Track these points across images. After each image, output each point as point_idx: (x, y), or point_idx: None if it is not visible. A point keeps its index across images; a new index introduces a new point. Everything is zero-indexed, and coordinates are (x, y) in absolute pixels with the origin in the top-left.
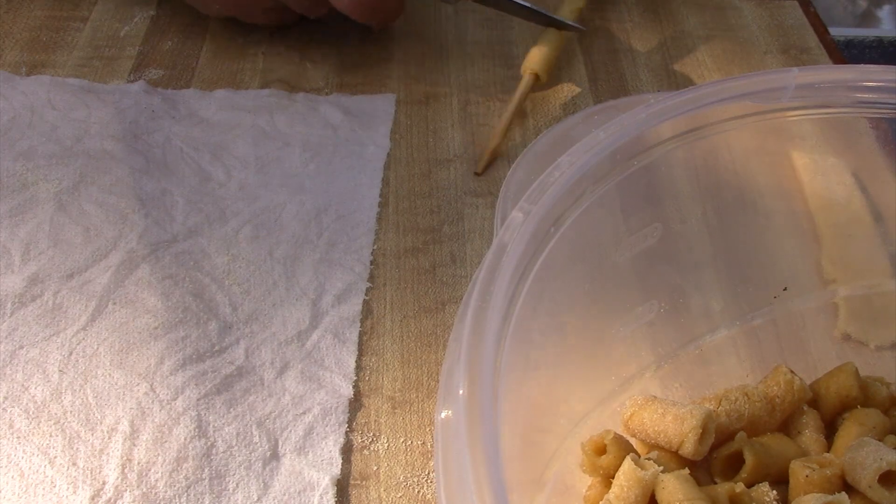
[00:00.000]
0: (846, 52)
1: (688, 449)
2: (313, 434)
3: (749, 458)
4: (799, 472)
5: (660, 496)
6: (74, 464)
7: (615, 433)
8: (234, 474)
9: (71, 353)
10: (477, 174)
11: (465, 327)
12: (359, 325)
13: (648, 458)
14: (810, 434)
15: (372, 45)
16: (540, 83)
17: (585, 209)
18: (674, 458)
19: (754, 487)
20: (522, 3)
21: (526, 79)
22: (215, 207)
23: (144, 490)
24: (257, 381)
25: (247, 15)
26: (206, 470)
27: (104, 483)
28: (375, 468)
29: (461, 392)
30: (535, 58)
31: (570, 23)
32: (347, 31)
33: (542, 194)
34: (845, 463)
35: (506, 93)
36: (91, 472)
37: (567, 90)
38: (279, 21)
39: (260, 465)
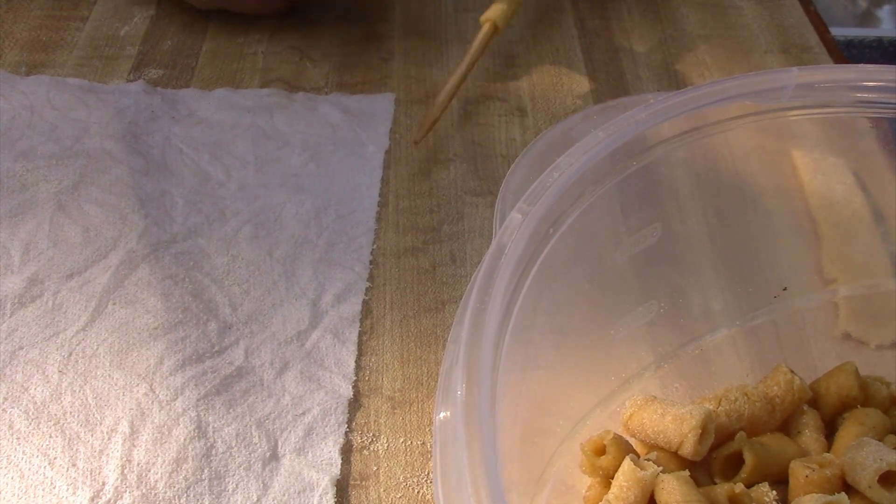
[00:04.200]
0: (846, 52)
1: (687, 449)
2: (313, 434)
3: (749, 458)
4: (799, 472)
5: (659, 497)
6: (74, 464)
7: (615, 433)
8: (233, 475)
9: (71, 354)
10: (416, 142)
11: (463, 328)
12: (358, 324)
13: (648, 459)
14: (810, 434)
15: (372, 45)
16: (498, 34)
17: (585, 209)
18: (673, 459)
19: (754, 487)
20: None
21: (485, 28)
22: (215, 207)
23: (144, 491)
24: (257, 381)
25: (236, 4)
26: (205, 471)
27: (104, 484)
28: (375, 468)
29: (460, 393)
30: (495, 9)
31: None
32: (348, 31)
33: (542, 195)
34: (845, 463)
35: (506, 92)
36: (91, 473)
37: (567, 90)
38: (272, 9)
39: (259, 465)
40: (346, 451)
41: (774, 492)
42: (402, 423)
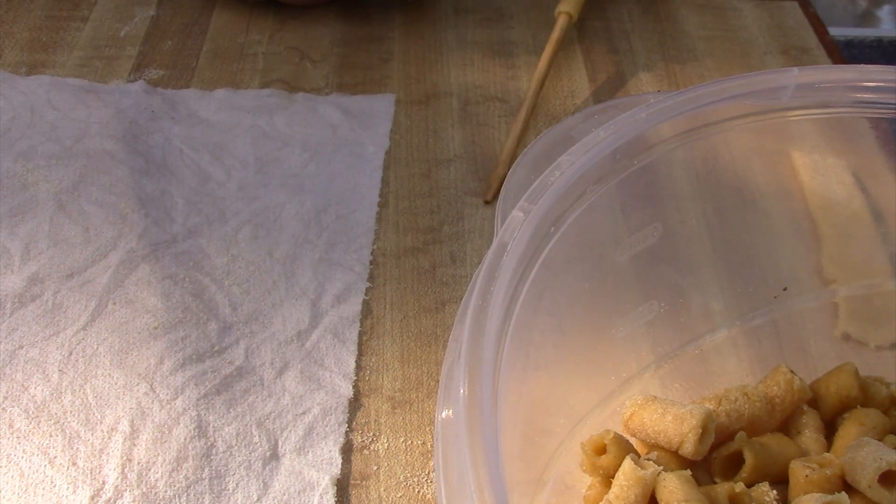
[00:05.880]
0: (846, 52)
1: (688, 449)
2: (313, 434)
3: (749, 458)
4: (799, 472)
5: (660, 496)
6: (74, 463)
7: (615, 433)
8: (233, 474)
9: (71, 353)
10: (487, 202)
11: (464, 327)
12: (358, 324)
13: (648, 458)
14: (810, 434)
15: (372, 45)
16: (572, 22)
17: (585, 209)
18: (674, 458)
19: (754, 487)
20: None
21: (560, 21)
22: (215, 208)
23: (144, 490)
24: (257, 381)
25: None
26: (205, 470)
27: (104, 483)
28: (375, 468)
29: (461, 392)
30: (567, 1)
31: None
32: (348, 31)
33: (543, 194)
34: (845, 463)
35: (506, 92)
36: (91, 472)
37: (567, 90)
38: None
39: (260, 465)
40: (347, 451)
41: (774, 492)
42: (402, 422)
